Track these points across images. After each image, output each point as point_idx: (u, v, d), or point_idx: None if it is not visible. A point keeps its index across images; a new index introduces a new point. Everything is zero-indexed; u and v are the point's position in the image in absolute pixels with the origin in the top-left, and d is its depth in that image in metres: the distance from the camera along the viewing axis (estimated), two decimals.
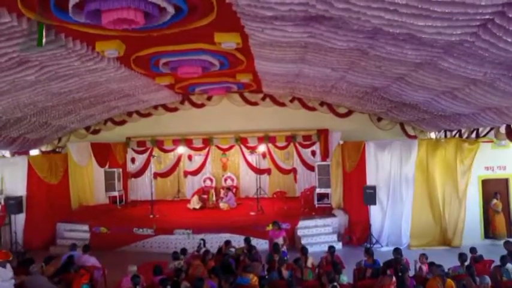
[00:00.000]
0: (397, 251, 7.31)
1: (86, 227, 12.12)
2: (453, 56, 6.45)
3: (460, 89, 8.07)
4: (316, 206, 13.80)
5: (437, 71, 7.33)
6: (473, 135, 11.93)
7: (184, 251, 8.24)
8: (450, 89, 8.32)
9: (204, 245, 8.98)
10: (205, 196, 15.17)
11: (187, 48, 8.62)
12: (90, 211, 13.49)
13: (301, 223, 11.87)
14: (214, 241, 11.03)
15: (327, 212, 12.73)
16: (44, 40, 5.97)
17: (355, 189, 11.96)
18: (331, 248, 7.66)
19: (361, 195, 11.42)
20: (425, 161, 11.27)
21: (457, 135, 12.87)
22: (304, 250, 7.58)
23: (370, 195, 11.16)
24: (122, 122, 16.35)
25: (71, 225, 12.45)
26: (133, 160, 17.10)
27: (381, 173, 11.59)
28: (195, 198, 14.62)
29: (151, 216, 13.24)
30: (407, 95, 9.74)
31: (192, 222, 12.13)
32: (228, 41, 7.84)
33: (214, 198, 15.01)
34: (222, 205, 14.36)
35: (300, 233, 11.64)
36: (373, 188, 11.22)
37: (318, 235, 11.53)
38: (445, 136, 13.45)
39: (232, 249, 8.47)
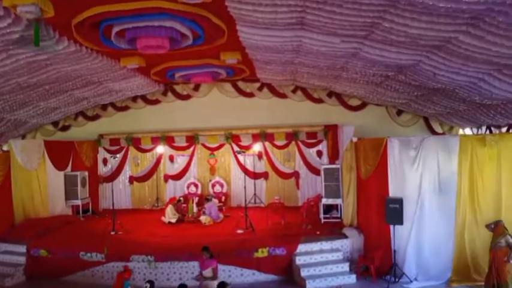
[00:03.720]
0: None
1: (23, 249, 9.50)
2: None
3: None
4: (322, 221, 11.18)
5: (505, 28, 5.27)
6: None
7: None
8: None
9: None
10: (184, 205, 12.52)
11: (140, 8, 6.88)
12: (38, 226, 10.82)
13: (301, 247, 9.01)
14: (184, 272, 8.57)
15: (336, 231, 9.92)
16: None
17: (374, 202, 9.32)
18: None
19: (382, 210, 8.80)
20: (470, 164, 8.44)
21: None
22: None
23: (394, 211, 8.45)
24: (96, 117, 14.86)
25: (6, 246, 9.88)
26: (105, 161, 14.98)
27: (409, 181, 8.84)
28: (169, 208, 11.85)
29: (112, 233, 10.62)
30: (445, 74, 7.75)
31: (157, 244, 9.26)
32: None
33: (195, 210, 12.23)
34: (203, 219, 11.55)
35: (299, 261, 8.77)
36: (399, 200, 8.47)
37: (324, 264, 8.69)
38: (490, 132, 10.61)
39: None
